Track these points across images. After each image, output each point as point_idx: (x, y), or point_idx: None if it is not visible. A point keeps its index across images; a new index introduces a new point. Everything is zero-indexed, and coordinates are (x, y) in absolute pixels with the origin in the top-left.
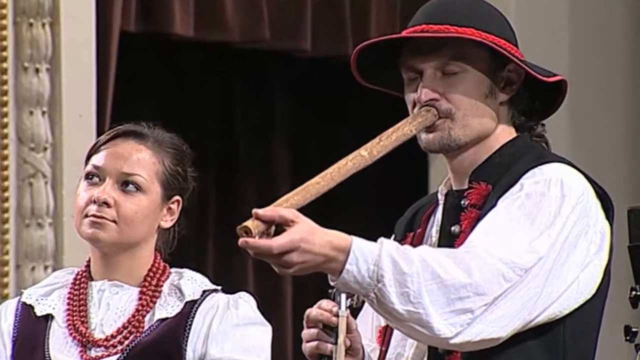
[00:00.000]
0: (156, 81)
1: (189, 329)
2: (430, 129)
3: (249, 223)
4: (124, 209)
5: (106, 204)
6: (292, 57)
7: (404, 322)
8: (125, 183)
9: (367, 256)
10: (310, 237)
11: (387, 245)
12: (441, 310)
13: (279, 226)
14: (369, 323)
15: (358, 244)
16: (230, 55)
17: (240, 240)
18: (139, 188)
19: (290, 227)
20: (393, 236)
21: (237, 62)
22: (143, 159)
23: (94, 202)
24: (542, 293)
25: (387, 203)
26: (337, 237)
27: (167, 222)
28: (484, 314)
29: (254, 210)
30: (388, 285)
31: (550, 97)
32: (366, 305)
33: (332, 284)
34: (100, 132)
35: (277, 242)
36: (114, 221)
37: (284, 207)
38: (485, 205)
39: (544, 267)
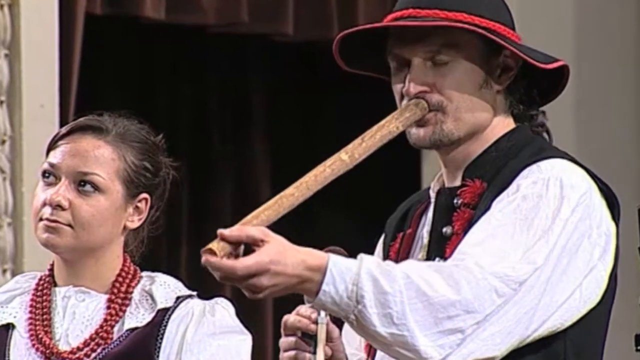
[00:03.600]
0: (124, 68)
1: (161, 338)
2: (420, 123)
3: (214, 245)
4: (80, 211)
5: (60, 206)
6: (273, 41)
7: (388, 345)
8: (82, 183)
9: (345, 275)
10: (281, 257)
11: (367, 262)
12: (428, 331)
13: (249, 246)
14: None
15: (335, 261)
16: (205, 39)
17: (203, 259)
18: (96, 188)
19: (260, 247)
20: (383, 236)
21: (212, 48)
22: (101, 156)
23: (49, 204)
24: (539, 305)
25: (375, 204)
26: (312, 255)
27: (134, 222)
28: (475, 332)
29: (219, 231)
30: (369, 306)
31: (551, 83)
32: None
33: (308, 306)
34: (63, 123)
35: (242, 264)
36: (70, 225)
37: (253, 224)
38: (479, 205)
39: (540, 277)
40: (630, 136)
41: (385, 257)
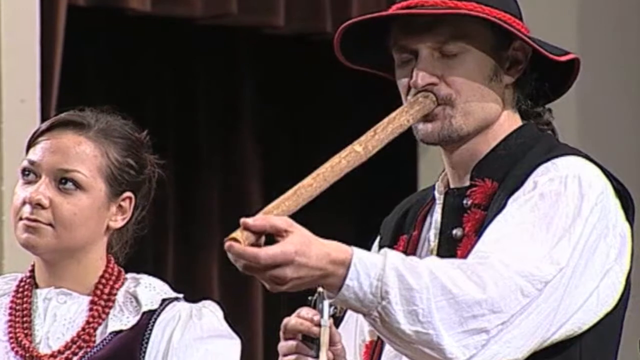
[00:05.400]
0: (108, 62)
1: (147, 342)
2: (428, 117)
3: (238, 234)
4: (62, 210)
5: (40, 205)
6: (263, 34)
7: (411, 344)
8: (63, 181)
9: (370, 270)
10: (306, 249)
11: (392, 257)
12: (453, 330)
13: (270, 237)
14: (351, 337)
15: (360, 256)
16: (193, 32)
17: (227, 244)
18: (78, 186)
19: (284, 237)
20: (379, 237)
21: (200, 40)
22: (83, 153)
23: (29, 203)
24: (559, 307)
25: (371, 204)
26: (336, 248)
27: (118, 222)
28: (499, 333)
29: (243, 220)
30: (394, 302)
31: (559, 78)
32: (348, 316)
33: (329, 301)
34: (44, 119)
35: (266, 252)
36: (50, 224)
37: (274, 214)
38: (491, 206)
39: (563, 278)
40: (634, 131)
41: None
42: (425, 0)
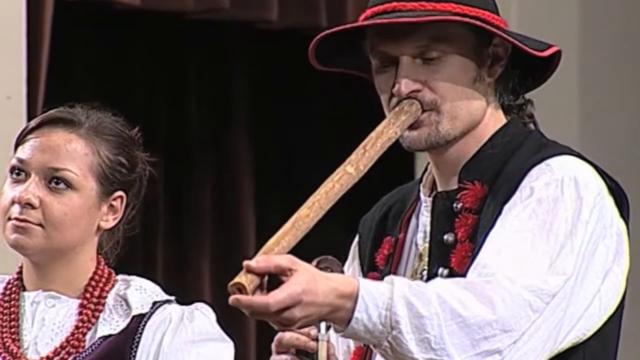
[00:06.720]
0: (97, 57)
1: (136, 346)
2: (413, 125)
3: (242, 279)
4: (52, 210)
5: (30, 205)
6: (256, 29)
7: None
8: (54, 180)
9: (377, 299)
10: (312, 287)
11: (400, 285)
12: (465, 354)
13: (274, 275)
14: (335, 346)
15: (366, 286)
16: (184, 27)
17: (232, 299)
18: (69, 185)
19: (288, 276)
20: (358, 236)
21: (191, 35)
22: (74, 151)
23: (18, 202)
24: (565, 317)
25: (367, 203)
26: (342, 281)
27: (109, 222)
28: (511, 352)
29: (246, 263)
30: (405, 332)
31: (540, 69)
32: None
33: (339, 335)
34: (31, 116)
35: (275, 298)
36: (40, 225)
37: (275, 252)
38: (484, 210)
39: (568, 287)
40: (635, 131)
41: (370, 262)
42: (403, 5)
